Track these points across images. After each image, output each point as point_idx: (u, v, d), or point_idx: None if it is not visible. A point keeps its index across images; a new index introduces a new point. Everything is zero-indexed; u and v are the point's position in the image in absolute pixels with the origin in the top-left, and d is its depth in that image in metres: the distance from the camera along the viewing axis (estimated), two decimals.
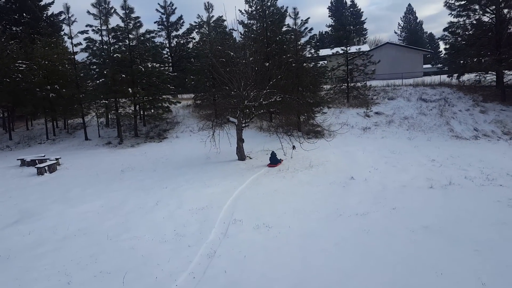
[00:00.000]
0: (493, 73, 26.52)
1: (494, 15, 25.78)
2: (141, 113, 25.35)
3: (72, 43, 23.28)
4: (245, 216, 8.81)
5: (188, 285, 5.81)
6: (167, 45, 36.48)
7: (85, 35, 23.50)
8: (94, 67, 25.51)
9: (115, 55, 22.27)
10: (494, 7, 25.56)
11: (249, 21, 26.35)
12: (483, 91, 26.11)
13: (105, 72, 22.35)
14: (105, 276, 6.26)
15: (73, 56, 23.91)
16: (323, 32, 73.90)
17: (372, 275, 5.79)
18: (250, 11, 26.13)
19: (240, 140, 15.39)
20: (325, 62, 33.71)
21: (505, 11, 25.81)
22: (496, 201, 9.19)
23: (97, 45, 23.73)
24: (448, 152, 15.79)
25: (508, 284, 5.28)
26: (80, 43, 23.85)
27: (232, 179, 12.48)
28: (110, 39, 23.02)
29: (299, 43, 22.77)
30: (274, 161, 14.54)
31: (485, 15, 26.69)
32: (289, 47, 22.15)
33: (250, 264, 6.38)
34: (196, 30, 35.21)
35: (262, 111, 15.96)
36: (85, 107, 24.07)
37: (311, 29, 23.71)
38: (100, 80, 22.99)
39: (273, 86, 15.58)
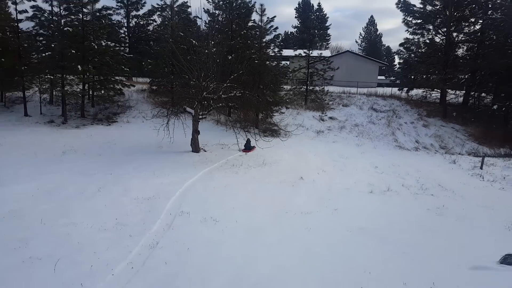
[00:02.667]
0: (438, 90, 28.70)
1: (444, 37, 27.85)
2: (90, 93, 23.89)
3: (16, 9, 21.12)
4: (193, 208, 8.67)
5: (125, 275, 5.58)
6: (125, 24, 34.70)
7: (32, 3, 21.46)
8: (41, 38, 23.47)
9: (65, 29, 20.66)
10: (445, 29, 27.61)
11: (215, 11, 25.93)
12: (427, 107, 28.17)
13: (52, 45, 20.70)
14: (35, 262, 5.83)
15: (16, 24, 21.74)
16: (289, 32, 74.99)
17: (309, 272, 5.99)
18: (217, 1, 25.74)
19: (196, 132, 15.11)
20: (288, 62, 34.22)
21: (454, 34, 28.01)
22: (426, 209, 9.95)
23: (45, 15, 21.84)
24: (391, 160, 16.81)
25: (425, 284, 5.73)
26: (25, 11, 21.71)
27: (184, 170, 12.22)
28: (61, 11, 21.23)
29: (264, 40, 22.86)
30: (248, 147, 15.79)
31: (437, 36, 28.82)
32: (253, 43, 22.15)
33: (192, 257, 6.29)
34: (158, 13, 33.84)
35: (220, 104, 15.79)
36: (27, 81, 22.00)
37: (277, 27, 23.96)
38: (47, 54, 21.24)
39: (234, 81, 15.48)
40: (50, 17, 21.78)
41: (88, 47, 21.02)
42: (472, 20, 27.76)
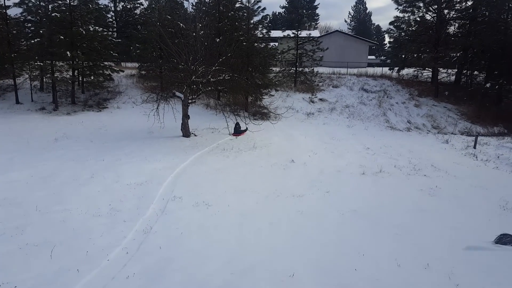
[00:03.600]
0: (430, 69, 28.71)
1: (435, 14, 27.64)
2: (80, 79, 23.58)
3: None
4: (185, 193, 8.81)
5: (120, 260, 5.74)
6: (112, 8, 33.99)
7: None
8: (29, 25, 23.02)
9: (53, 14, 20.23)
10: (436, 6, 27.37)
11: None
12: (419, 86, 28.21)
13: (41, 31, 20.29)
14: (32, 249, 5.97)
15: (4, 11, 21.20)
16: (276, 13, 73.73)
17: (301, 254, 6.14)
18: None
19: (186, 116, 15.12)
20: (276, 44, 33.89)
21: (446, 11, 27.79)
22: (419, 190, 10.00)
23: (33, 1, 21.34)
24: (382, 141, 16.95)
25: (419, 265, 5.87)
26: None
27: (175, 155, 12.31)
28: None
29: (252, 21, 22.58)
30: (238, 131, 15.90)
31: (428, 13, 28.56)
32: (241, 24, 21.86)
33: (186, 241, 6.46)
34: None
35: (210, 88, 15.75)
36: (17, 68, 21.68)
37: (264, 8, 23.65)
38: (35, 40, 20.85)
39: (222, 64, 15.38)
40: (38, 2, 21.25)
41: (76, 32, 20.63)
42: None
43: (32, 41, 21.60)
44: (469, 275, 5.61)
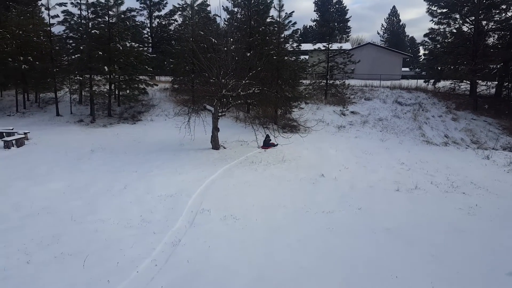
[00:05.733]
0: (468, 82, 27.50)
1: (473, 26, 26.62)
2: (116, 92, 24.66)
3: (49, 14, 22.21)
4: (213, 206, 8.83)
5: (149, 272, 5.80)
6: (148, 25, 35.57)
7: (63, 8, 22.69)
8: (71, 41, 24.58)
9: (93, 31, 21.47)
10: (473, 18, 26.39)
11: (233, 8, 26.00)
12: (456, 99, 27.02)
13: (81, 47, 21.53)
14: (66, 258, 6.18)
15: (49, 28, 22.82)
16: (307, 26, 74.03)
17: (330, 274, 5.95)
18: None
19: (216, 129, 15.30)
20: (307, 57, 33.84)
21: (484, 22, 26.73)
22: (458, 209, 9.45)
23: (75, 19, 22.85)
24: (418, 156, 16.28)
25: None
26: (57, 15, 22.87)
27: (204, 168, 12.43)
28: (89, 14, 22.17)
29: (282, 35, 22.71)
30: (267, 144, 16.03)
31: (464, 25, 27.57)
32: (272, 39, 22.03)
33: (213, 255, 6.43)
34: (179, 13, 34.34)
35: (239, 101, 15.89)
36: (59, 82, 23.14)
37: (295, 23, 23.72)
38: (76, 56, 22.15)
39: (252, 77, 15.52)
40: (79, 20, 22.67)
41: (113, 48, 21.72)
42: (504, 7, 26.33)
43: (73, 57, 22.95)
44: None
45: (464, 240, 7.51)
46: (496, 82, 28.33)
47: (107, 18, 22.19)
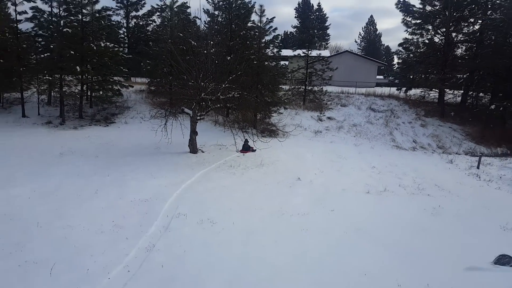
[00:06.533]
0: (436, 90, 28.72)
1: (443, 37, 27.88)
2: (89, 93, 23.87)
3: (16, 10, 21.23)
4: (190, 210, 8.68)
5: (121, 278, 5.60)
6: (125, 25, 34.75)
7: (32, 4, 21.64)
8: (40, 39, 23.53)
9: (64, 30, 20.70)
10: (444, 29, 27.63)
11: (214, 11, 25.92)
12: (426, 106, 28.18)
13: (51, 46, 20.72)
14: (31, 266, 5.85)
15: (15, 25, 21.80)
16: (288, 32, 74.95)
17: (304, 274, 6.05)
18: (216, 1, 25.74)
19: (194, 133, 15.11)
20: (287, 62, 34.18)
21: (454, 34, 28.04)
22: (423, 209, 9.99)
23: (45, 16, 21.88)
24: (388, 160, 16.80)
25: (419, 285, 5.81)
26: (25, 12, 21.84)
27: (181, 171, 12.22)
28: (60, 12, 21.27)
29: (263, 40, 22.82)
30: (246, 148, 16.04)
31: (436, 36, 28.85)
32: (252, 43, 22.10)
33: (189, 259, 6.31)
34: (158, 14, 33.94)
35: (219, 105, 15.78)
36: (26, 82, 22.01)
37: (276, 28, 23.94)
38: (46, 55, 21.26)
39: (232, 81, 15.46)
40: (50, 18, 21.79)
41: (87, 48, 21.02)
42: (472, 20, 27.77)
43: (42, 56, 21.99)
44: None
45: (428, 239, 7.96)
46: (462, 91, 29.73)
47: (80, 17, 21.51)
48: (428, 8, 28.76)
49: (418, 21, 29.28)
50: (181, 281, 5.60)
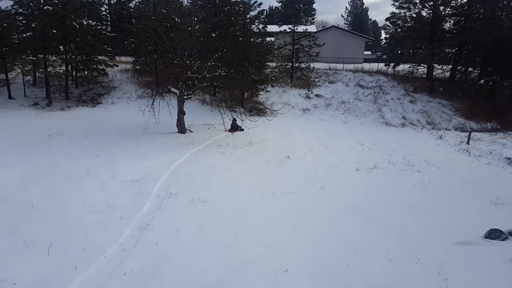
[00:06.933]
0: (425, 66, 28.85)
1: (431, 11, 27.75)
2: (74, 74, 23.36)
3: None
4: (181, 190, 8.84)
5: (117, 256, 5.79)
6: (106, 1, 33.61)
7: None
8: (21, 18, 22.72)
9: (45, 7, 19.97)
10: (432, 3, 27.47)
11: None
12: (414, 82, 28.33)
13: (33, 25, 20.04)
14: (29, 246, 6.01)
15: None
16: (273, 7, 73.38)
17: (295, 250, 6.22)
18: None
19: (181, 112, 15.07)
20: (273, 39, 33.76)
21: (441, 8, 27.92)
22: (413, 186, 10.11)
23: None
24: (377, 137, 17.04)
25: (410, 260, 5.99)
26: None
27: (171, 152, 12.30)
28: None
29: (248, 16, 22.45)
30: (234, 127, 16.08)
31: (423, 10, 28.70)
32: (237, 19, 21.74)
33: (182, 238, 6.51)
34: None
35: (205, 84, 15.69)
36: (9, 63, 21.39)
37: (261, 3, 23.56)
38: (27, 34, 20.57)
39: (218, 59, 15.31)
40: None
41: (69, 26, 20.40)
42: None
43: (24, 35, 21.31)
44: (457, 269, 5.75)
45: (418, 214, 8.08)
46: (451, 66, 29.91)
47: None
48: None
49: None
50: (176, 259, 5.80)
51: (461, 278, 5.48)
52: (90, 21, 22.66)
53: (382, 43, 59.45)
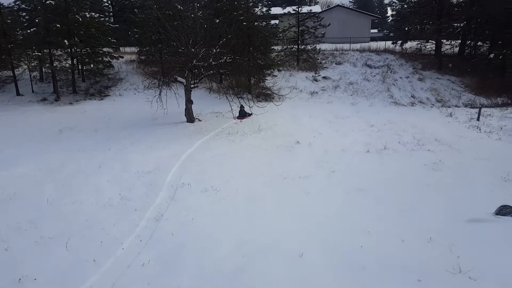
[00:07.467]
0: (433, 42, 28.13)
1: None
2: (80, 67, 23.44)
3: None
4: (193, 179, 8.88)
5: (134, 248, 5.88)
6: None
7: None
8: (24, 14, 22.76)
9: (47, 2, 19.92)
10: None
11: None
12: (422, 59, 27.70)
13: (36, 20, 20.05)
14: (47, 242, 6.11)
15: None
16: None
17: (309, 235, 6.27)
18: None
19: (189, 101, 15.05)
20: (277, 21, 33.21)
21: None
22: (423, 165, 10.02)
23: None
24: (387, 117, 16.82)
25: (422, 239, 6.00)
26: None
27: (180, 142, 12.33)
28: None
29: None
30: (243, 114, 15.99)
31: None
32: (240, 3, 21.38)
33: (197, 227, 6.58)
34: None
35: (211, 72, 15.59)
36: (15, 59, 21.54)
37: None
38: (32, 30, 20.63)
39: (223, 46, 15.15)
40: None
41: (72, 19, 20.37)
42: None
43: (28, 31, 21.38)
44: (469, 247, 5.75)
45: (429, 194, 8.06)
46: (460, 41, 29.12)
47: None
48: None
49: None
50: (192, 248, 5.87)
51: (473, 256, 5.48)
52: (93, 13, 22.54)
53: (389, 21, 58.00)
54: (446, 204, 7.50)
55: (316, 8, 43.45)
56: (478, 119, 16.26)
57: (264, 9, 24.39)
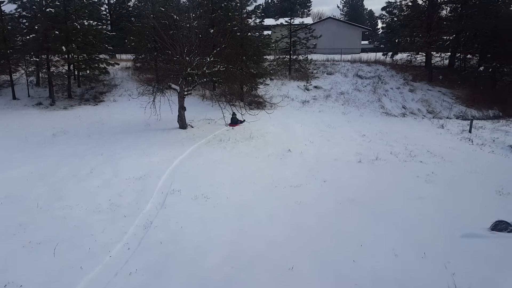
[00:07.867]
0: (423, 54, 28.63)
1: None
2: (76, 73, 23.54)
3: None
4: (184, 186, 8.89)
5: (122, 256, 5.83)
6: (106, 1, 33.75)
7: None
8: (24, 20, 23.05)
9: (47, 9, 20.20)
10: None
11: None
12: (413, 71, 28.10)
13: (36, 27, 20.26)
14: (35, 247, 6.06)
15: None
16: (269, 1, 72.85)
17: (300, 246, 6.17)
18: None
19: (182, 108, 15.15)
20: (270, 32, 33.66)
21: None
22: (416, 177, 9.96)
23: None
24: (378, 128, 16.99)
25: (416, 255, 5.88)
26: None
27: (172, 148, 12.37)
28: None
29: (244, 11, 22.44)
30: (234, 121, 16.10)
31: None
32: (234, 14, 21.73)
33: (186, 235, 6.55)
34: None
35: (205, 79, 15.72)
36: (13, 64, 21.70)
37: None
38: (31, 36, 20.83)
39: (217, 55, 15.34)
40: None
41: (71, 27, 20.68)
42: None
43: (27, 37, 21.57)
44: (465, 263, 5.61)
45: (422, 207, 7.91)
46: (449, 53, 29.67)
47: None
48: None
49: None
50: (180, 257, 5.82)
51: (469, 272, 5.35)
52: (91, 21, 23.01)
53: (379, 33, 58.95)
54: (440, 218, 7.34)
55: (308, 20, 44.07)
56: (470, 131, 16.34)
57: (258, 20, 24.76)
